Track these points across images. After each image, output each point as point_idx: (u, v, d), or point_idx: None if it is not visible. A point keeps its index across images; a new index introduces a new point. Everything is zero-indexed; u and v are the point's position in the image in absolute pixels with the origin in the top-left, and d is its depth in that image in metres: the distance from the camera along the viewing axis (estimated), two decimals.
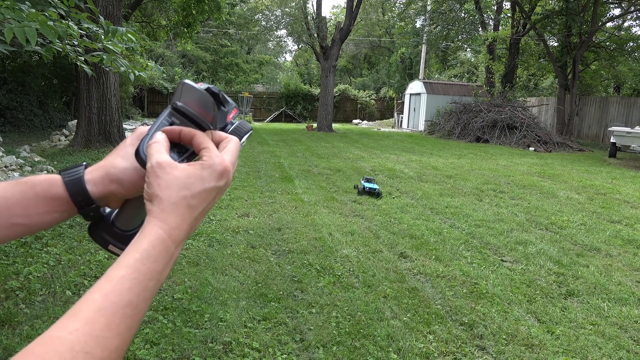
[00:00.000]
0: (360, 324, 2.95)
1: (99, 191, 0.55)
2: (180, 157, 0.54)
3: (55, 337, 0.38)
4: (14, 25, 2.01)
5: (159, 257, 0.46)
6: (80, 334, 0.39)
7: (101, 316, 0.40)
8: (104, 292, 0.42)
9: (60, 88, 15.22)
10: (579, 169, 10.76)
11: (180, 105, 0.54)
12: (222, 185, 0.52)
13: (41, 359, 0.36)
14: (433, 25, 23.55)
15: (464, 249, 4.53)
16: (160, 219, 0.48)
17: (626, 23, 21.03)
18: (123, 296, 0.42)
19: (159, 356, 2.47)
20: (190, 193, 0.49)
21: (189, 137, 0.53)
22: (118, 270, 0.44)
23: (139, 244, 0.46)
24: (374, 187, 6.64)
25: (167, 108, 0.56)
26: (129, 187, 0.55)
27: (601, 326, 3.09)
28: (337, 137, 17.10)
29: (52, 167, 7.20)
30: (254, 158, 10.18)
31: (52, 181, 0.55)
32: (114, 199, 0.57)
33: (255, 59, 38.57)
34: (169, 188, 0.48)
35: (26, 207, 0.53)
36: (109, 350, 0.40)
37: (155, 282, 0.46)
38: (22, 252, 3.74)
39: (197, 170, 0.50)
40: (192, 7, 13.12)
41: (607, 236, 5.16)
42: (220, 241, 4.37)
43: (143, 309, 0.44)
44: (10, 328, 2.65)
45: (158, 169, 0.49)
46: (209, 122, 0.55)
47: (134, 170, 0.55)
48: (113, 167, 0.55)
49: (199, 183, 0.50)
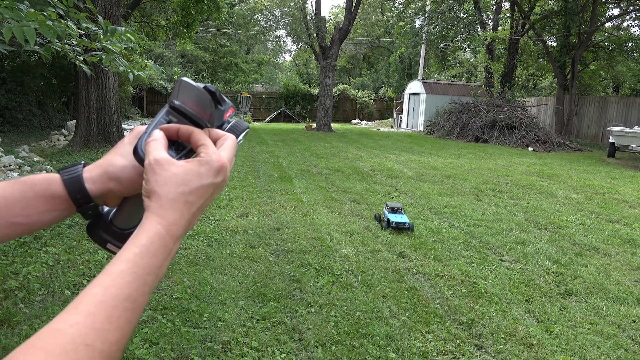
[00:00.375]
0: (359, 323, 2.95)
1: (97, 189, 0.55)
2: (178, 155, 0.54)
3: (57, 329, 0.39)
4: (12, 25, 2.01)
5: (157, 252, 0.47)
6: (81, 327, 0.39)
7: (101, 309, 0.41)
8: (104, 286, 0.43)
9: (59, 88, 15.21)
10: (578, 169, 10.77)
11: (177, 104, 0.55)
12: (219, 181, 0.52)
13: (42, 350, 0.37)
14: (432, 25, 23.58)
15: (462, 248, 4.53)
16: (158, 214, 0.48)
17: (625, 23, 21.09)
18: (123, 290, 0.43)
19: (157, 355, 2.47)
20: (188, 189, 0.50)
21: (187, 134, 0.54)
22: (117, 264, 0.44)
23: (138, 239, 0.47)
24: (404, 221, 4.88)
25: (165, 107, 0.57)
26: (127, 185, 0.56)
27: (599, 325, 3.09)
28: (336, 137, 17.10)
29: (51, 167, 7.19)
30: (253, 158, 10.19)
31: (51, 180, 0.55)
32: (112, 197, 0.57)
33: (254, 59, 38.58)
34: (166, 184, 0.49)
35: (25, 206, 0.54)
36: (109, 343, 0.40)
37: (154, 276, 0.46)
38: (21, 251, 3.74)
39: (195, 166, 0.51)
40: (191, 7, 13.12)
41: (605, 236, 5.17)
42: (219, 241, 4.37)
43: (142, 303, 0.45)
44: (9, 328, 2.65)
45: (156, 165, 0.50)
46: (206, 120, 0.55)
47: (132, 168, 0.55)
48: (111, 165, 0.56)
49: (197, 179, 0.50)
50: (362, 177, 8.20)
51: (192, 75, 29.02)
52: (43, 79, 14.28)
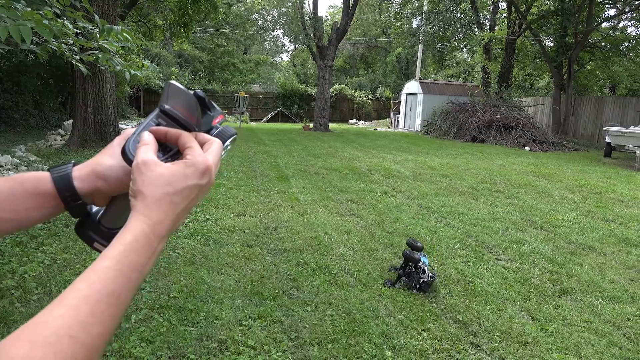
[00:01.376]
0: (355, 321, 2.96)
1: (85, 187, 0.57)
2: (165, 156, 0.56)
3: (42, 321, 0.40)
4: (9, 24, 2.01)
5: (142, 251, 0.48)
6: (64, 319, 0.40)
7: (85, 303, 0.42)
8: (89, 281, 0.44)
9: (56, 88, 15.17)
10: (574, 169, 10.82)
11: (167, 108, 0.56)
12: (204, 183, 0.53)
13: (27, 342, 0.38)
14: (429, 25, 23.61)
15: (459, 247, 4.55)
16: (144, 214, 0.50)
17: (621, 23, 21.15)
18: (107, 285, 0.44)
19: (154, 354, 2.48)
20: (173, 190, 0.51)
21: (175, 137, 0.55)
22: (103, 261, 0.46)
23: (123, 237, 0.48)
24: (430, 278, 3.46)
25: (155, 110, 0.58)
26: (114, 184, 0.57)
27: (594, 323, 3.11)
28: (334, 137, 17.12)
29: (47, 167, 7.18)
30: (250, 158, 10.19)
31: (40, 178, 0.57)
32: (99, 196, 0.58)
33: (251, 58, 38.58)
34: (152, 185, 0.50)
35: (15, 202, 0.55)
36: (92, 336, 0.41)
37: (138, 274, 0.47)
38: (17, 251, 3.74)
39: (181, 168, 0.52)
40: (189, 7, 13.11)
41: (601, 235, 5.20)
42: (216, 240, 4.38)
43: (126, 299, 0.46)
44: (5, 327, 2.65)
45: (143, 166, 0.51)
46: (194, 124, 0.57)
47: (119, 167, 0.56)
48: (99, 165, 0.57)
49: (182, 180, 0.51)
50: (359, 177, 8.21)
51: (190, 75, 28.99)
52: (40, 78, 14.24)
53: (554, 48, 19.81)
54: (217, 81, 31.76)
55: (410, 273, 3.47)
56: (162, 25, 15.62)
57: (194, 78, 28.84)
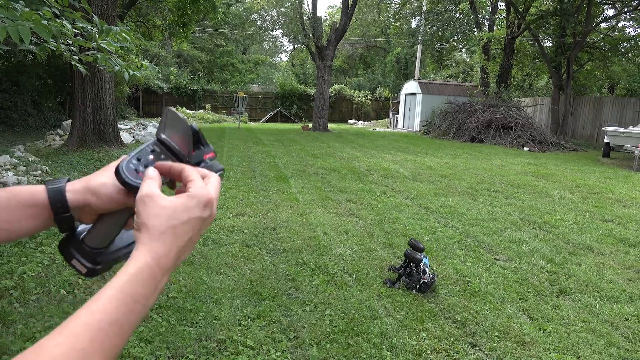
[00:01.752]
0: (354, 321, 2.97)
1: (76, 199, 0.58)
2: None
3: (40, 347, 0.41)
4: (7, 24, 2.01)
5: (145, 283, 0.48)
6: (63, 347, 0.41)
7: (86, 331, 0.42)
8: (91, 310, 0.44)
9: (54, 88, 15.17)
10: (573, 169, 10.83)
11: (164, 138, 0.58)
12: (207, 216, 0.54)
13: None
14: (428, 25, 23.62)
15: (457, 247, 4.56)
16: (148, 246, 0.50)
17: (620, 24, 21.20)
18: (109, 314, 0.44)
19: (153, 354, 2.48)
20: (177, 222, 0.52)
21: (178, 171, 0.57)
22: (107, 290, 0.46)
23: (128, 268, 0.49)
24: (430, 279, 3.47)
25: (152, 138, 0.60)
26: (105, 200, 0.58)
27: (592, 323, 3.12)
28: (333, 137, 17.12)
29: (46, 167, 7.18)
30: (249, 158, 10.19)
31: (34, 190, 0.59)
32: (88, 212, 0.60)
33: (250, 59, 38.59)
34: (157, 217, 0.51)
35: (9, 213, 0.57)
36: None
37: (141, 306, 0.48)
38: (16, 251, 3.74)
39: (184, 200, 0.53)
40: (188, 7, 13.12)
41: (599, 235, 5.21)
42: (215, 240, 4.38)
43: (128, 330, 0.46)
44: (4, 327, 2.65)
45: (147, 199, 0.52)
46: (186, 156, 0.60)
47: (112, 185, 0.58)
48: (93, 180, 0.59)
49: (185, 213, 0.52)
50: (358, 177, 8.22)
51: (189, 75, 28.96)
52: (38, 78, 14.23)
53: (552, 48, 19.84)
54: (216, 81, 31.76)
55: (411, 273, 3.48)
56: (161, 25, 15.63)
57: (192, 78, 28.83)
